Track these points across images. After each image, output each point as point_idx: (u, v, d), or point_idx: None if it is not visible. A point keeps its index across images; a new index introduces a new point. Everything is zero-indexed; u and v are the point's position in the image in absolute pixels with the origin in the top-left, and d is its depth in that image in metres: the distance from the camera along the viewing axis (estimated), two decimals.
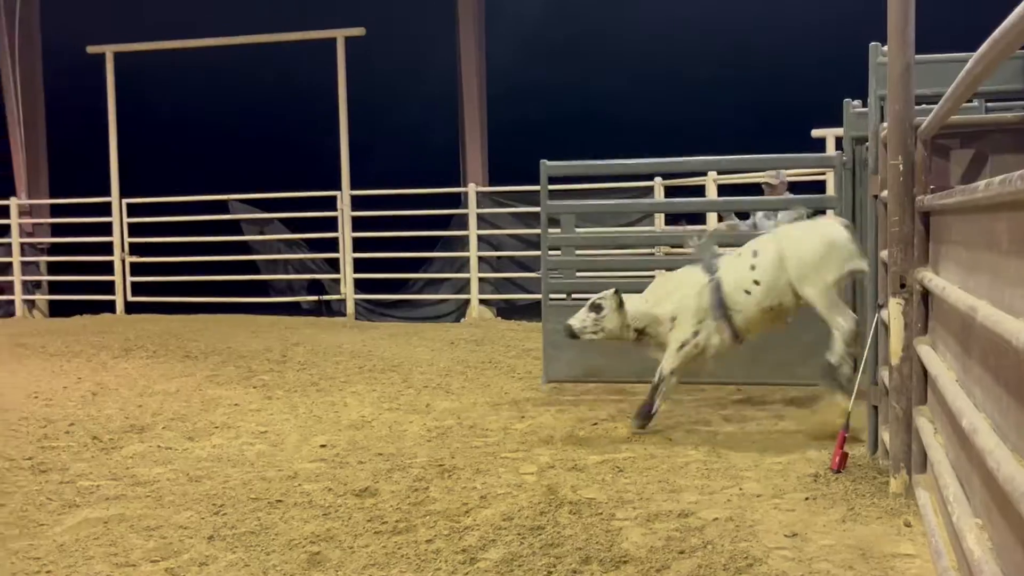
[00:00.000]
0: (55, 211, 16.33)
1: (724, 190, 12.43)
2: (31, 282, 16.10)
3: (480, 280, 14.17)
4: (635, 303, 6.77)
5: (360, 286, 14.76)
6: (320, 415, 7.57)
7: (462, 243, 14.28)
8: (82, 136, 15.89)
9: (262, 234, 15.35)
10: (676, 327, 6.67)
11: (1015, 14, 2.39)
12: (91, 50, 15.34)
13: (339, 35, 14.46)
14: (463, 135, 14.74)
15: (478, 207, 14.14)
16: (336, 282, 14.81)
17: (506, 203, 14.25)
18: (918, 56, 4.66)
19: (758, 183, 12.12)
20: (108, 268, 15.57)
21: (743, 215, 10.17)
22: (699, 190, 12.66)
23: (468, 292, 14.24)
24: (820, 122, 10.74)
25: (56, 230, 16.23)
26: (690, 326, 6.63)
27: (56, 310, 16.04)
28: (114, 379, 9.44)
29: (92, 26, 15.76)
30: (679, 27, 14.13)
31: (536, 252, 13.97)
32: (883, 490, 4.91)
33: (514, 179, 14.12)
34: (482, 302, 14.21)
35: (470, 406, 7.76)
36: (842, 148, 7.39)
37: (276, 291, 15.39)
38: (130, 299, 15.53)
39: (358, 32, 14.42)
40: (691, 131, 13.68)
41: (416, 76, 14.77)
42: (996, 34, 2.66)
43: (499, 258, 14.27)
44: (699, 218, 12.58)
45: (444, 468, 5.81)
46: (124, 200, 15.45)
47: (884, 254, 4.97)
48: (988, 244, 2.91)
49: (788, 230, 6.83)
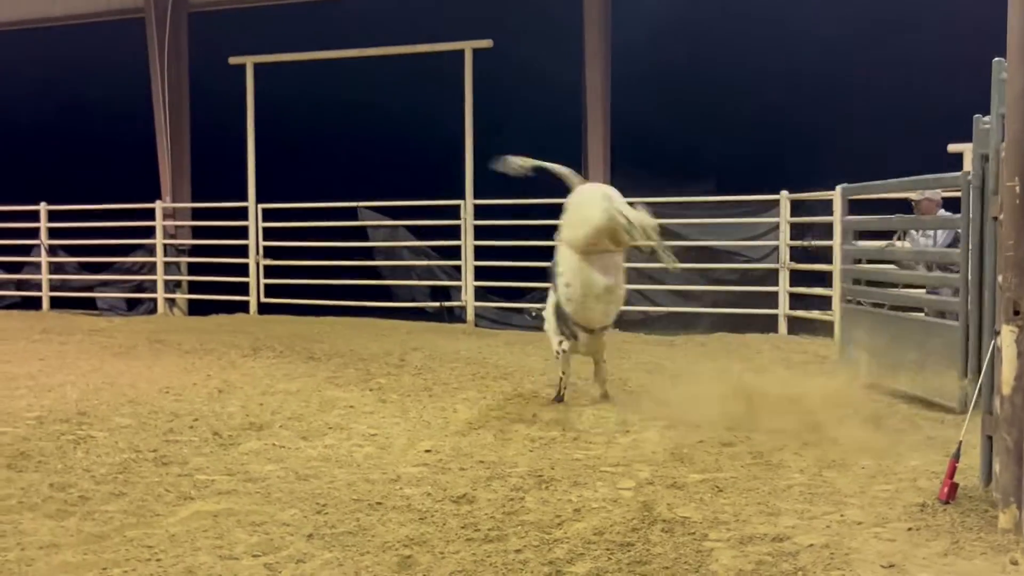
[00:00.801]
0: (196, 215, 17.15)
1: (854, 206, 12.08)
2: (172, 282, 16.96)
3: None
4: None
5: (481, 293, 14.98)
6: (429, 420, 7.74)
7: None
8: (222, 143, 16.65)
9: (389, 240, 15.75)
10: None
11: None
12: (233, 61, 16.08)
13: (467, 47, 14.74)
14: (586, 146, 14.78)
15: None
16: (458, 289, 15.08)
17: None
18: None
19: (907, 199, 11.77)
20: (244, 270, 16.27)
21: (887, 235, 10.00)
22: (827, 204, 12.35)
23: None
24: (960, 136, 10.29)
25: (196, 233, 17.05)
26: None
27: (194, 309, 16.84)
28: (240, 377, 9.86)
29: (234, 38, 16.50)
30: (811, 28, 13.80)
31: (658, 265, 13.93)
32: (992, 524, 4.71)
33: (636, 191, 14.04)
34: None
35: (576, 417, 7.79)
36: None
37: (400, 296, 15.75)
38: (263, 300, 16.17)
39: (486, 44, 14.65)
40: (819, 138, 13.39)
41: (540, 87, 14.89)
42: None
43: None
44: (827, 233, 12.30)
45: (542, 479, 5.86)
46: (260, 205, 16.11)
47: (1001, 279, 4.77)
48: None
49: None
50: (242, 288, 16.26)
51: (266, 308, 16.16)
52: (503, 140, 14.73)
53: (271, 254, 16.23)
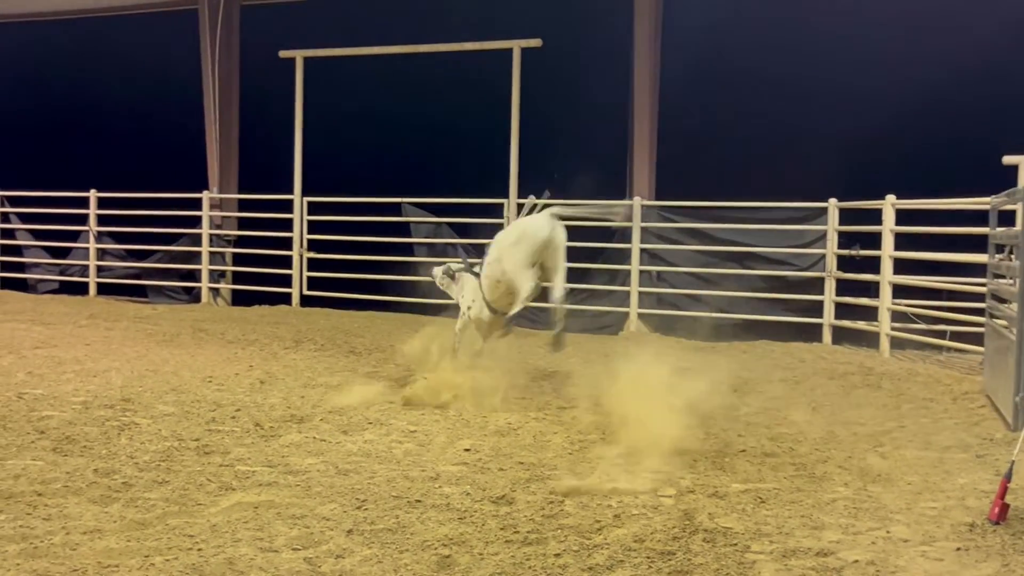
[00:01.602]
0: (242, 206, 17.30)
1: (901, 216, 11.92)
2: (217, 271, 17.12)
3: (641, 294, 14.09)
4: None
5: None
6: (468, 418, 7.73)
7: (624, 255, 14.22)
8: (270, 135, 16.77)
9: (432, 237, 15.78)
10: None
11: None
12: (283, 54, 16.20)
13: (515, 45, 14.73)
14: (632, 148, 14.69)
15: (643, 221, 14.07)
16: None
17: (673, 218, 14.10)
18: None
19: (941, 210, 11.59)
20: (287, 262, 16.38)
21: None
22: (875, 213, 12.19)
23: (628, 305, 14.18)
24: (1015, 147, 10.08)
25: (242, 224, 17.19)
26: None
27: (238, 299, 17.00)
28: (282, 369, 9.93)
29: (285, 31, 16.61)
30: (867, 37, 13.58)
31: (702, 268, 13.85)
32: None
33: (683, 194, 13.97)
34: (641, 317, 14.11)
35: (616, 422, 7.72)
36: None
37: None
38: (305, 293, 16.27)
39: (535, 43, 14.63)
40: (869, 148, 13.17)
41: (588, 88, 14.81)
42: None
43: (659, 274, 14.12)
44: (875, 242, 12.14)
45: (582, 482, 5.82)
46: (305, 198, 16.22)
47: None
48: None
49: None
50: (285, 280, 16.37)
51: (308, 301, 16.27)
52: (549, 140, 14.78)
53: (315, 247, 16.33)
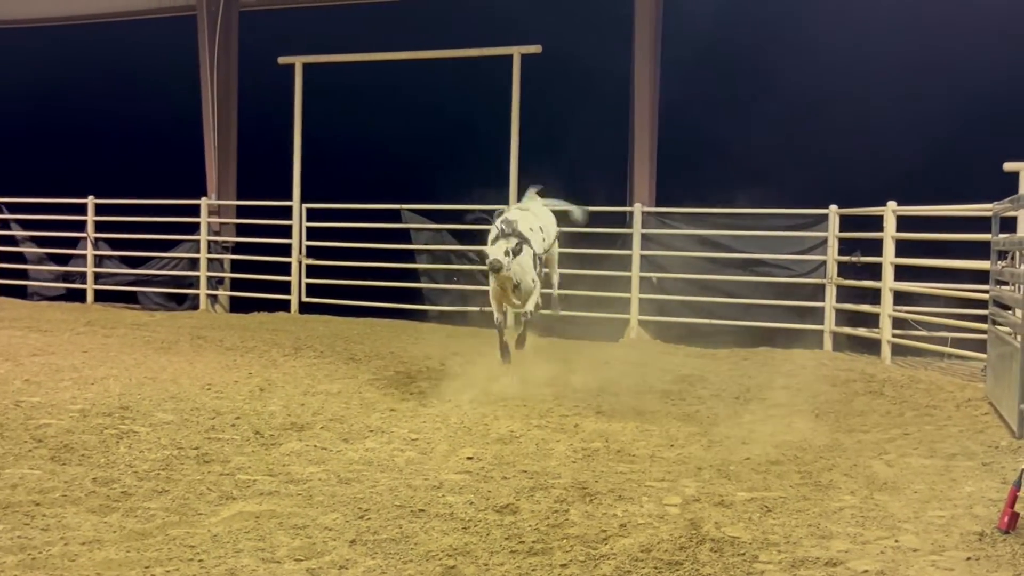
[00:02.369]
0: (241, 212, 17.23)
1: (902, 222, 11.87)
2: (215, 278, 17.05)
3: (641, 301, 14.04)
4: None
5: None
6: (470, 426, 7.67)
7: (624, 262, 14.17)
8: (269, 142, 16.71)
9: (431, 244, 15.73)
10: None
11: None
12: (282, 61, 16.13)
13: (515, 52, 14.66)
14: (632, 154, 14.65)
15: (643, 227, 14.02)
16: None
17: (673, 224, 14.06)
18: None
19: (943, 216, 11.54)
20: (286, 269, 16.31)
21: None
22: (876, 220, 12.14)
23: (628, 312, 14.12)
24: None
25: (241, 230, 17.12)
26: None
27: (236, 306, 16.91)
28: (281, 376, 9.86)
29: (284, 37, 16.57)
30: (870, 42, 13.58)
31: (701, 276, 13.82)
32: None
33: (683, 200, 13.93)
34: (641, 323, 14.06)
35: (619, 429, 7.68)
36: None
37: (440, 300, 15.67)
38: (304, 300, 16.20)
39: (535, 49, 14.57)
40: (870, 155, 13.16)
41: (588, 94, 14.78)
42: None
43: (658, 280, 14.07)
44: (876, 248, 12.09)
45: (586, 491, 5.76)
46: (304, 205, 16.16)
47: None
48: None
49: None
50: (284, 287, 16.30)
51: (307, 308, 16.19)
52: (549, 146, 14.74)
53: (313, 254, 16.26)
